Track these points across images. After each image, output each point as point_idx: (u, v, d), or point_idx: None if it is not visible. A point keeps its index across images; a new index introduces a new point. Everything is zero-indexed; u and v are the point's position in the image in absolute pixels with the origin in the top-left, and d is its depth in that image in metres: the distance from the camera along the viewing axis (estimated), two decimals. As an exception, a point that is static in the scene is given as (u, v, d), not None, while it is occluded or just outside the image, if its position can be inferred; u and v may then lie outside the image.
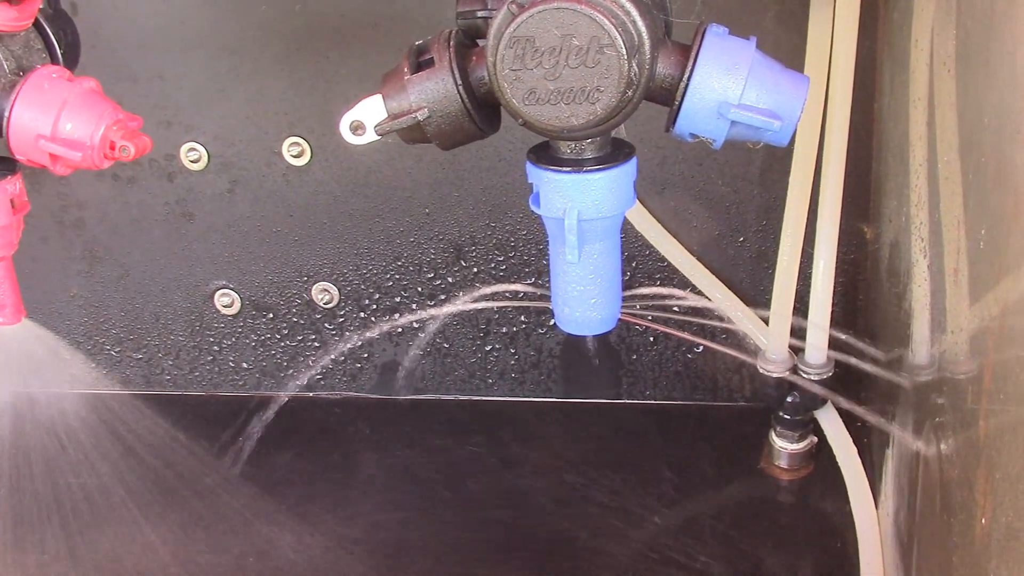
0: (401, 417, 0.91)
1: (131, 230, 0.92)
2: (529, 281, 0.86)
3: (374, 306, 0.90)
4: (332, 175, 0.86)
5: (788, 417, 0.78)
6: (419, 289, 0.89)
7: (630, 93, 0.44)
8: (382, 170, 0.85)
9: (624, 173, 0.47)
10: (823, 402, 0.76)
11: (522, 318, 0.88)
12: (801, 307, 0.76)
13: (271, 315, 0.92)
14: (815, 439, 0.79)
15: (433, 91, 0.46)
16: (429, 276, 0.88)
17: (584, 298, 0.49)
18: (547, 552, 0.76)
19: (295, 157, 0.85)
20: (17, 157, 0.52)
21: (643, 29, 0.43)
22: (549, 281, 0.84)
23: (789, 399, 0.77)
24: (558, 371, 0.89)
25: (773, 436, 0.80)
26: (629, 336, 0.86)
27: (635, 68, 0.43)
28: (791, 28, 0.73)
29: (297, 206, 0.87)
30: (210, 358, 0.94)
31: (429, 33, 0.78)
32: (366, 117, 0.48)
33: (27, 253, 0.93)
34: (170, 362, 0.95)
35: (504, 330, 0.89)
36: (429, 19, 0.79)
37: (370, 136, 0.49)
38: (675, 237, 0.81)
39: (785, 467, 0.80)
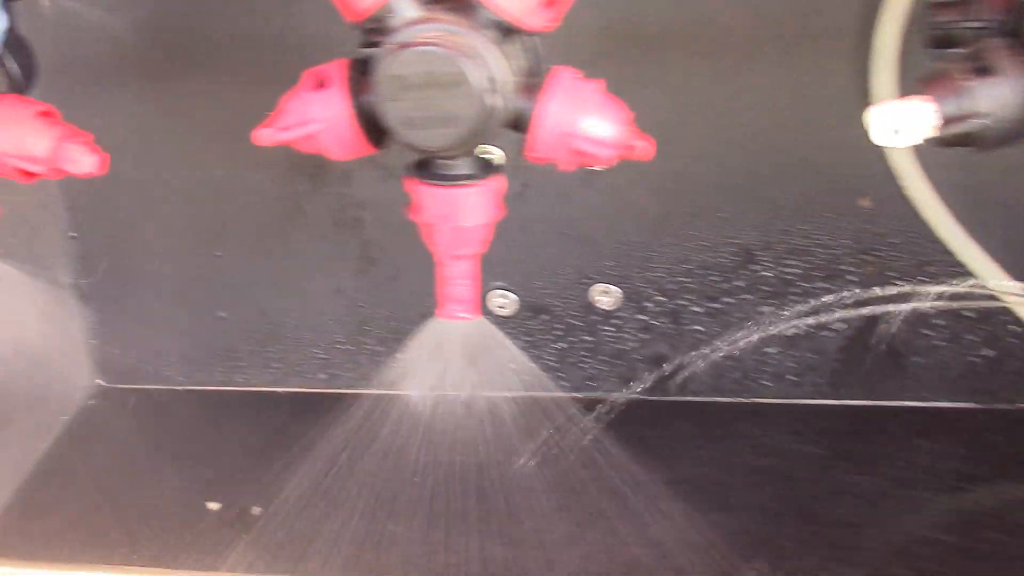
0: (673, 418, 0.93)
1: (409, 232, 0.92)
2: (820, 286, 0.88)
3: (655, 308, 0.91)
4: (627, 179, 0.87)
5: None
6: (703, 293, 0.90)
7: None
8: (681, 176, 0.86)
9: None
10: None
11: (807, 321, 0.90)
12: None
13: (547, 316, 0.93)
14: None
15: (1000, 99, 0.48)
16: (715, 279, 0.90)
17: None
18: (831, 543, 0.78)
19: (593, 160, 0.86)
20: (531, 156, 0.53)
21: None
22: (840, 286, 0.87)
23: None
24: (837, 374, 0.91)
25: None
26: (913, 338, 0.89)
27: None
28: None
29: (586, 208, 0.89)
30: (477, 358, 0.95)
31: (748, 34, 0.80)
32: (907, 119, 0.50)
33: (301, 250, 0.94)
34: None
35: (787, 333, 0.91)
36: (744, 24, 0.81)
37: (906, 139, 0.50)
38: (977, 243, 0.83)
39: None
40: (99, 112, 0.89)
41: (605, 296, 0.91)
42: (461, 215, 0.55)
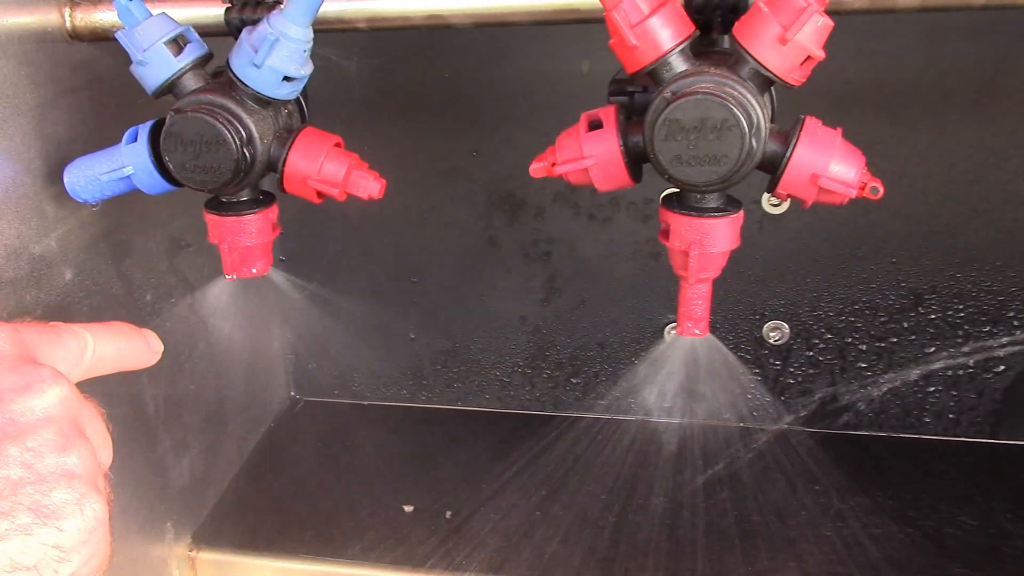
0: (835, 451, 0.98)
1: (593, 266, 1.00)
2: (985, 330, 0.94)
3: (822, 345, 0.98)
4: (805, 224, 0.94)
5: None
6: (870, 332, 0.96)
7: None
8: (857, 221, 0.93)
9: None
10: None
11: (970, 363, 0.95)
12: None
13: (718, 349, 1.00)
14: None
15: None
16: (882, 320, 0.96)
17: None
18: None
19: (774, 207, 0.94)
20: (778, 193, 0.61)
21: None
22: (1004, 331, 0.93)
23: None
24: (995, 414, 0.96)
25: None
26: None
27: None
28: None
29: (765, 250, 0.96)
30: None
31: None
32: None
33: (491, 280, 1.03)
34: (609, 387, 1.04)
35: (949, 373, 0.96)
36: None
37: None
38: None
39: None
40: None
41: (776, 332, 0.98)
42: (711, 242, 0.62)
